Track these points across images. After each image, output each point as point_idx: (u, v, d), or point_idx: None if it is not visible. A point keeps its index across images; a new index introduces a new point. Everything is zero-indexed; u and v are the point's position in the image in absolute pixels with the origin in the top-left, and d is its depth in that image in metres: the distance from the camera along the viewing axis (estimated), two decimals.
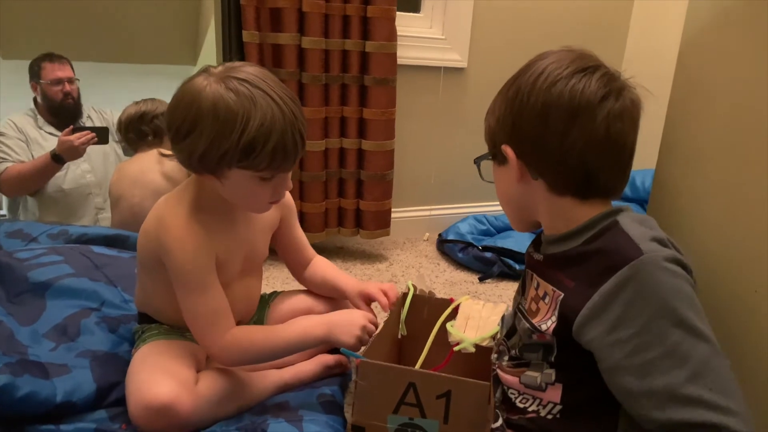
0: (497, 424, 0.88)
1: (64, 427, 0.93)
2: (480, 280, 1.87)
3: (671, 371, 0.67)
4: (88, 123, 2.23)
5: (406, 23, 1.97)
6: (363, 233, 1.95)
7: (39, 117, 2.16)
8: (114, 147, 2.25)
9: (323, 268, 1.24)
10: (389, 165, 1.89)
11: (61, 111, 2.16)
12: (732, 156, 0.98)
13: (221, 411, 0.99)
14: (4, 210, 2.27)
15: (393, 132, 1.87)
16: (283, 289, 1.30)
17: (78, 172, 2.13)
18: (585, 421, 0.80)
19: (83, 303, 1.20)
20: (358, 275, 1.86)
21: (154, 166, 1.77)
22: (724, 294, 0.97)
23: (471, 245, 1.95)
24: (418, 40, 2.00)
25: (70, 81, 2.16)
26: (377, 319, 1.06)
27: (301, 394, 1.09)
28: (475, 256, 1.92)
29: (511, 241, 1.94)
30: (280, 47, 1.68)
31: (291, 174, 1.00)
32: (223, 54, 1.70)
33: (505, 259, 1.87)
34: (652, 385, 0.68)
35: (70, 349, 1.07)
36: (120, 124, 1.87)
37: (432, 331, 1.07)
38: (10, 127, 2.08)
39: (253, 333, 1.02)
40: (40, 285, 1.20)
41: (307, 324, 1.04)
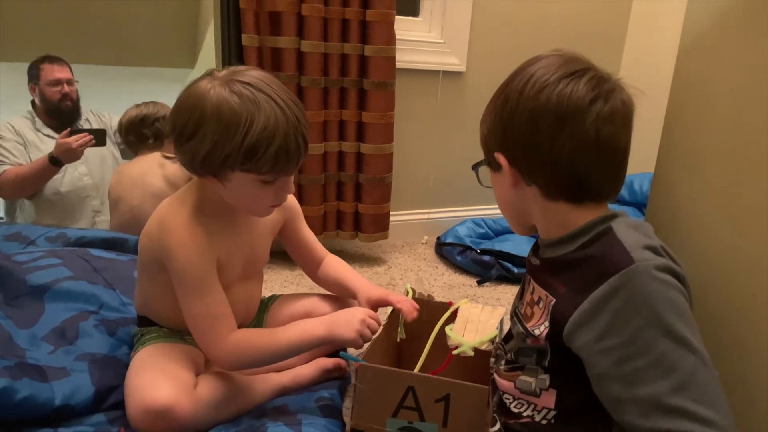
0: (495, 428, 0.88)
1: (62, 431, 0.92)
2: (478, 283, 1.87)
3: (657, 381, 0.67)
4: (86, 126, 2.22)
5: (404, 27, 1.97)
6: (361, 236, 1.95)
7: (37, 119, 2.16)
8: (112, 150, 2.24)
9: (336, 267, 1.24)
10: (388, 168, 1.89)
11: (59, 113, 2.15)
12: (730, 160, 0.98)
13: (220, 414, 0.99)
14: (1, 213, 2.26)
15: (392, 135, 1.87)
16: (282, 293, 1.30)
17: (75, 174, 2.12)
18: (579, 427, 0.80)
19: (82, 306, 1.19)
20: None
21: (155, 169, 1.77)
22: (722, 298, 0.97)
23: (469, 248, 1.95)
24: (416, 43, 2.01)
25: (69, 82, 2.16)
26: (379, 318, 1.05)
27: (300, 397, 1.08)
28: (474, 259, 1.92)
29: (510, 245, 1.94)
30: (279, 51, 1.68)
31: (293, 178, 1.00)
32: (222, 57, 1.70)
33: (504, 263, 1.88)
34: (637, 394, 0.69)
35: (68, 353, 1.07)
36: (121, 126, 1.87)
37: (431, 335, 1.07)
38: (7, 130, 2.07)
39: (255, 336, 1.02)
40: (38, 288, 1.20)
41: (308, 325, 1.03)
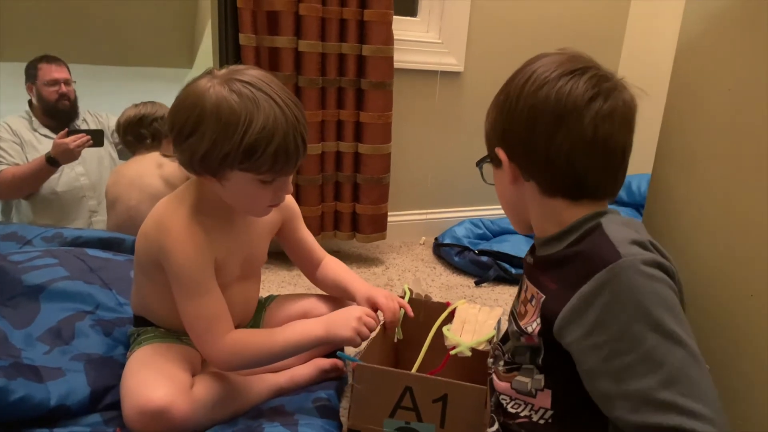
0: (493, 428, 0.88)
1: (58, 431, 0.92)
2: (476, 284, 1.87)
3: (646, 376, 0.67)
4: (83, 126, 2.21)
5: (402, 27, 1.97)
6: (359, 237, 1.95)
7: (34, 119, 2.15)
8: (109, 150, 2.24)
9: (334, 269, 1.24)
10: (386, 168, 1.89)
11: (57, 113, 2.15)
12: (728, 160, 0.98)
13: (217, 415, 0.98)
14: None
15: (389, 136, 1.87)
16: (279, 293, 1.30)
17: (72, 174, 2.11)
18: (576, 426, 0.80)
19: (78, 306, 1.19)
20: None
21: (152, 169, 1.76)
22: (719, 298, 0.97)
23: (467, 249, 1.95)
24: (414, 44, 2.00)
25: (66, 82, 2.15)
26: (377, 317, 1.05)
27: (297, 398, 1.08)
28: (472, 260, 1.92)
29: (508, 245, 1.94)
30: (276, 50, 1.68)
31: (292, 178, 1.00)
32: (220, 57, 1.69)
33: (502, 263, 1.87)
34: (627, 389, 0.68)
35: (64, 353, 1.06)
36: (119, 126, 1.87)
37: (428, 335, 1.07)
38: (4, 130, 2.07)
39: (252, 336, 1.02)
40: (34, 288, 1.19)
41: (306, 325, 1.03)
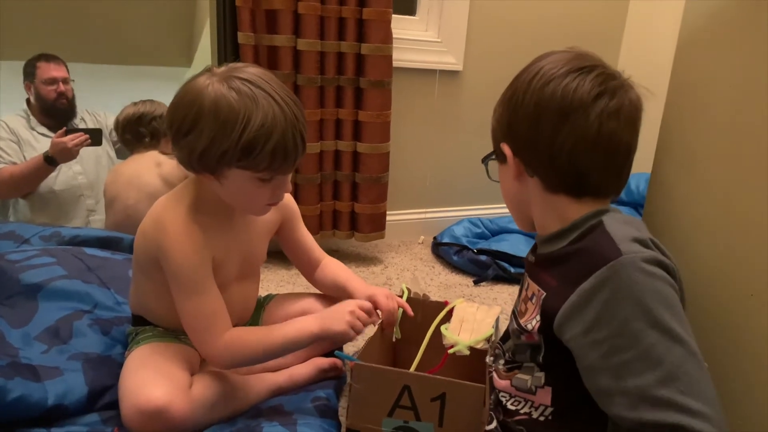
0: (492, 426, 0.88)
1: (55, 431, 0.91)
2: (475, 283, 1.87)
3: (644, 373, 0.67)
4: (81, 125, 2.21)
5: (401, 26, 1.97)
6: (358, 236, 1.95)
7: (32, 118, 2.14)
8: (107, 149, 2.23)
9: (334, 270, 1.23)
10: (384, 168, 1.89)
11: (54, 111, 2.14)
12: (728, 159, 0.98)
13: (215, 415, 0.98)
14: None
15: (388, 134, 1.87)
16: (278, 292, 1.30)
17: (70, 173, 2.11)
18: (576, 423, 0.80)
19: (76, 305, 1.19)
20: None
21: (151, 168, 1.76)
22: (720, 298, 0.97)
23: (466, 248, 1.95)
24: (413, 42, 2.00)
25: (64, 81, 2.14)
26: (370, 305, 1.03)
27: (296, 397, 1.08)
28: (470, 259, 1.92)
29: (506, 244, 1.94)
30: (275, 49, 1.68)
31: (290, 177, 1.00)
32: (218, 56, 1.69)
33: (500, 262, 1.87)
34: (625, 386, 0.69)
35: (62, 352, 1.06)
36: (117, 124, 1.86)
37: (427, 334, 1.07)
38: (2, 129, 2.06)
39: (249, 334, 1.01)
40: (32, 287, 1.19)
41: (301, 322, 1.03)
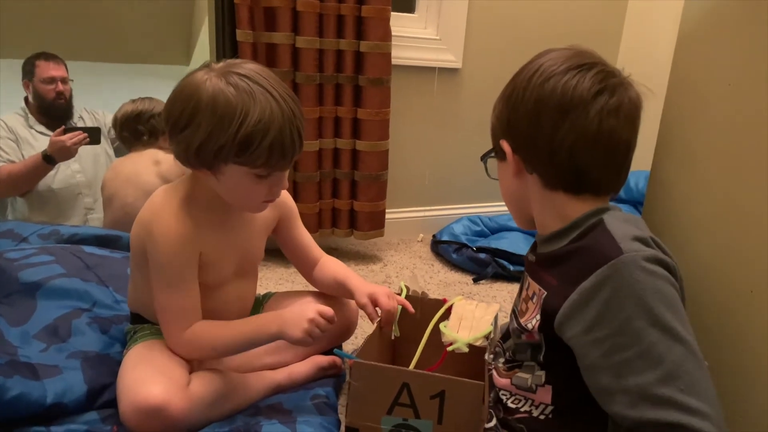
0: (491, 424, 0.88)
1: (54, 429, 0.91)
2: (474, 281, 1.87)
3: (645, 371, 0.67)
4: (79, 124, 2.20)
5: (400, 23, 1.97)
6: (357, 234, 1.94)
7: (30, 116, 2.14)
8: (105, 148, 2.23)
9: (333, 268, 1.23)
10: (383, 165, 1.89)
11: (53, 110, 2.14)
12: (727, 157, 0.98)
13: (214, 412, 0.98)
14: None
15: (387, 132, 1.86)
16: (277, 291, 1.30)
17: (68, 172, 2.11)
18: (577, 421, 0.80)
19: (74, 303, 1.18)
20: None
21: (149, 167, 1.76)
22: (720, 294, 0.97)
23: (465, 246, 1.95)
24: (412, 40, 2.00)
25: (63, 81, 2.14)
26: (332, 312, 1.01)
27: (295, 395, 1.08)
28: (470, 257, 1.91)
29: (506, 242, 1.94)
30: (274, 47, 1.68)
31: (287, 173, 1.00)
32: (217, 53, 1.69)
33: (500, 260, 1.87)
34: (626, 385, 0.69)
35: (60, 350, 1.06)
36: (115, 121, 1.85)
37: (425, 332, 1.07)
38: (0, 128, 2.06)
39: (211, 328, 1.01)
40: (30, 285, 1.19)
41: (262, 321, 1.03)
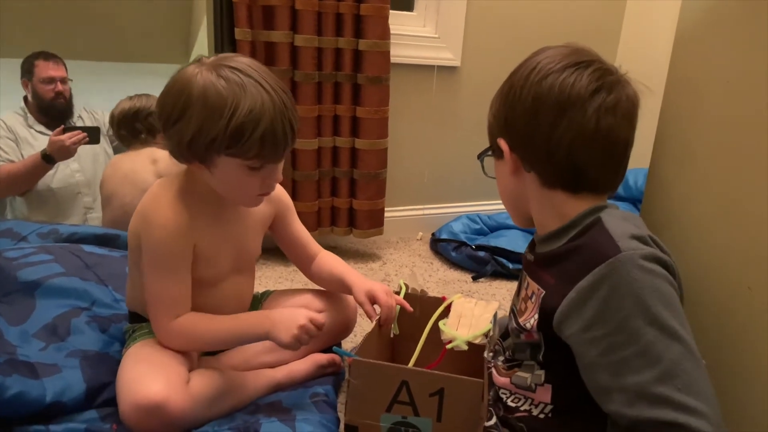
0: (491, 422, 0.88)
1: (53, 428, 0.91)
2: (473, 279, 1.87)
3: (643, 370, 0.67)
4: (79, 123, 2.20)
5: (399, 22, 1.96)
6: (356, 232, 1.94)
7: (29, 116, 2.14)
8: (104, 147, 2.22)
9: (330, 263, 1.23)
10: (382, 164, 1.89)
11: (52, 110, 2.13)
12: (726, 154, 0.98)
13: (213, 410, 0.98)
14: None
15: (386, 131, 1.86)
16: (276, 289, 1.30)
17: (67, 171, 2.10)
18: (576, 420, 0.80)
19: (73, 302, 1.18)
20: None
21: (147, 166, 1.75)
22: (718, 291, 0.97)
23: (464, 244, 1.95)
24: (411, 38, 2.00)
25: (62, 81, 2.13)
26: (323, 320, 1.02)
27: (294, 393, 1.08)
28: (469, 255, 1.91)
29: (505, 240, 1.94)
30: (272, 45, 1.67)
31: (282, 166, 1.00)
32: (216, 52, 1.68)
33: (499, 258, 1.87)
34: (624, 383, 0.69)
35: (60, 349, 1.06)
36: (112, 118, 1.84)
37: (425, 330, 1.07)
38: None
39: (200, 321, 1.01)
40: (29, 284, 1.19)
41: (252, 319, 1.04)
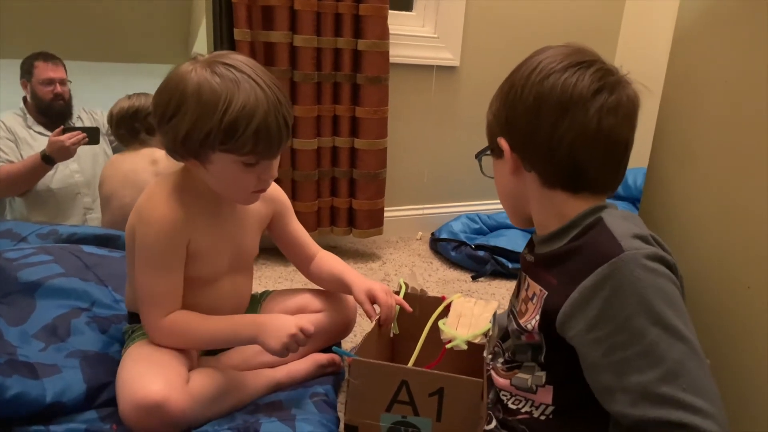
0: (491, 426, 0.88)
1: (54, 428, 0.91)
2: (473, 278, 1.87)
3: (647, 370, 0.67)
4: (78, 124, 2.20)
5: (398, 22, 1.96)
6: (356, 232, 1.94)
7: (28, 116, 2.13)
8: (104, 147, 2.22)
9: (329, 262, 1.23)
10: (382, 164, 1.89)
11: (51, 111, 2.13)
12: (724, 153, 0.98)
13: (213, 410, 0.98)
14: None
15: (385, 130, 1.86)
16: (275, 289, 1.30)
17: (67, 172, 2.10)
18: (578, 422, 0.80)
19: (73, 303, 1.18)
20: None
21: (147, 166, 1.75)
22: (717, 290, 0.97)
23: (464, 244, 1.95)
24: (410, 38, 2.00)
25: (62, 82, 2.13)
26: (312, 328, 1.02)
27: (294, 393, 1.08)
28: (468, 254, 1.92)
29: (504, 240, 1.94)
30: (271, 45, 1.68)
31: (277, 163, 1.00)
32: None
33: (498, 258, 1.88)
34: (627, 383, 0.68)
35: (59, 350, 1.06)
36: (111, 118, 1.82)
37: (424, 330, 1.07)
38: None
39: (190, 319, 1.01)
40: (29, 285, 1.19)
41: (242, 322, 1.04)
